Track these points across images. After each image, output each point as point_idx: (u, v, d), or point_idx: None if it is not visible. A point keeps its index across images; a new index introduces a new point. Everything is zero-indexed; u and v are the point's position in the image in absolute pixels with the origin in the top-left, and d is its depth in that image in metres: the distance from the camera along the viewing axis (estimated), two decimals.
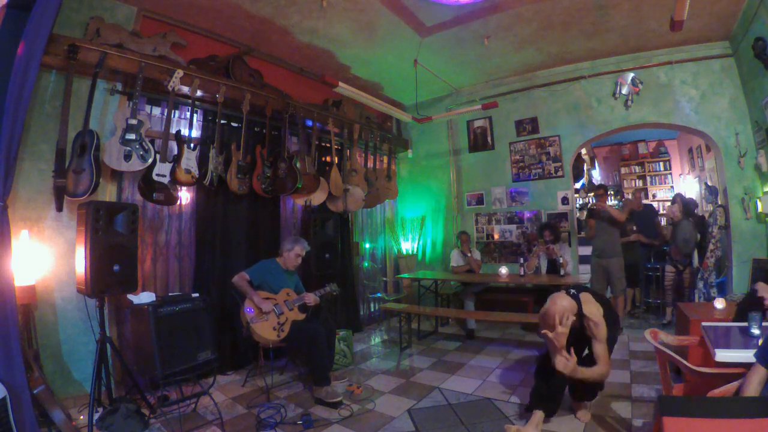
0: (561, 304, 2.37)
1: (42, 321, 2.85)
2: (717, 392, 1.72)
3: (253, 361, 3.70)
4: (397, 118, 5.79)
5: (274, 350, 3.46)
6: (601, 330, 2.38)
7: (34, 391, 2.30)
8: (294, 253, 3.53)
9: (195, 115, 3.61)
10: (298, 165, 4.15)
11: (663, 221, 6.22)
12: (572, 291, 2.50)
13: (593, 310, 2.42)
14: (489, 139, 6.00)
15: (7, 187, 2.22)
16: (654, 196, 8.92)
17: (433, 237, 6.42)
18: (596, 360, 2.38)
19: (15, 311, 2.21)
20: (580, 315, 2.41)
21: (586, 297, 2.48)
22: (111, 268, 2.67)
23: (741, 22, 4.06)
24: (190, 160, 3.39)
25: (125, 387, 3.05)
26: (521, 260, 4.99)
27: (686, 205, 5.00)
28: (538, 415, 2.48)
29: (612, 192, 9.14)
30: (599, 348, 2.38)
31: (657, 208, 7.52)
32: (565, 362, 2.28)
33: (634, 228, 5.49)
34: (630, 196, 8.02)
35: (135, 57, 3.19)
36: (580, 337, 2.53)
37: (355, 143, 5.21)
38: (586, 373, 2.34)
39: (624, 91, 5.03)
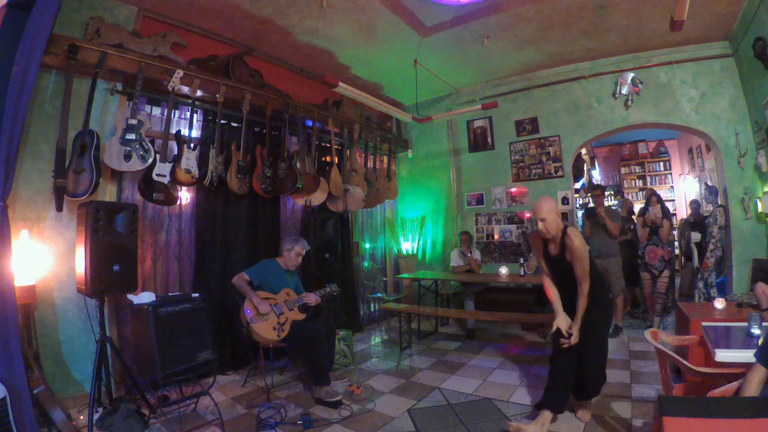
0: (548, 203, 2.55)
1: (42, 321, 2.85)
2: (717, 392, 1.72)
3: (253, 361, 3.70)
4: (397, 118, 5.79)
5: (274, 350, 3.45)
6: (578, 254, 2.50)
7: (34, 391, 2.31)
8: (294, 252, 3.52)
9: (195, 115, 3.61)
10: (298, 165, 4.15)
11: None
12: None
13: (577, 234, 2.55)
14: (489, 139, 5.99)
15: (7, 187, 2.22)
16: None
17: (433, 237, 6.42)
18: (577, 279, 2.53)
19: (15, 311, 2.21)
20: (563, 234, 2.57)
21: (574, 229, 2.62)
22: (111, 268, 2.67)
23: (741, 22, 4.06)
24: (190, 160, 3.39)
25: (125, 387, 3.05)
26: (521, 260, 4.99)
27: (665, 206, 4.76)
28: (546, 414, 2.50)
29: (612, 192, 9.15)
30: (578, 267, 2.51)
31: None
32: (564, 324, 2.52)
33: (631, 227, 5.48)
34: (628, 197, 8.00)
35: (135, 57, 3.19)
36: (562, 267, 2.63)
37: (355, 143, 5.21)
38: (579, 312, 2.51)
39: (624, 91, 5.03)
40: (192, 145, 3.43)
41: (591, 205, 4.82)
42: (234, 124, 4.04)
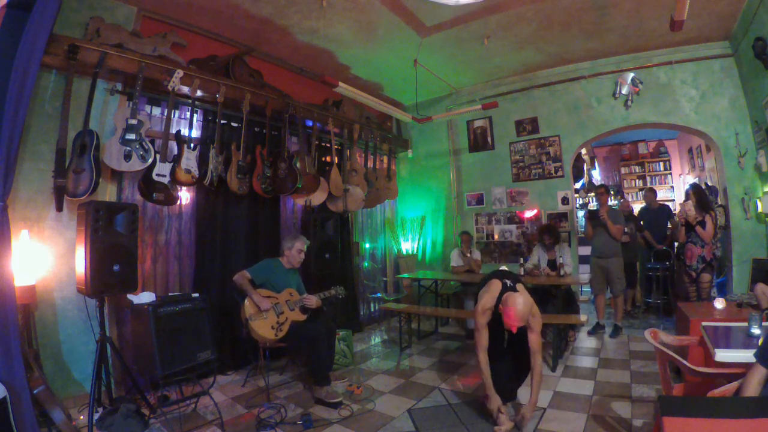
0: (526, 299, 2.53)
1: (42, 321, 2.85)
2: (717, 392, 1.72)
3: (253, 361, 3.70)
4: (397, 118, 5.78)
5: (273, 350, 3.45)
6: (538, 328, 2.56)
7: (34, 391, 2.30)
8: (296, 249, 3.51)
9: (195, 115, 3.61)
10: (298, 165, 4.15)
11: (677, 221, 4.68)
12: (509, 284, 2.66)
13: (537, 313, 2.56)
14: (489, 139, 5.99)
15: (7, 187, 2.22)
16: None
17: (433, 237, 6.42)
18: (531, 350, 2.58)
19: (15, 311, 2.20)
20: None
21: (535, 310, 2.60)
22: (111, 268, 2.67)
23: (741, 22, 4.06)
24: (190, 160, 3.39)
25: (125, 387, 3.05)
26: (521, 260, 4.99)
27: (707, 199, 4.11)
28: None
29: (612, 192, 9.14)
30: (536, 340, 2.56)
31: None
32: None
33: (626, 230, 5.44)
34: (627, 198, 7.98)
35: (135, 57, 3.19)
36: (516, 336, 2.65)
37: (355, 143, 5.21)
38: (534, 390, 2.58)
39: (624, 91, 5.03)
40: (192, 145, 3.42)
41: (592, 205, 4.81)
42: (234, 124, 4.04)
